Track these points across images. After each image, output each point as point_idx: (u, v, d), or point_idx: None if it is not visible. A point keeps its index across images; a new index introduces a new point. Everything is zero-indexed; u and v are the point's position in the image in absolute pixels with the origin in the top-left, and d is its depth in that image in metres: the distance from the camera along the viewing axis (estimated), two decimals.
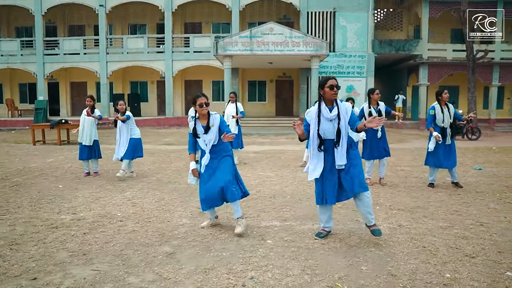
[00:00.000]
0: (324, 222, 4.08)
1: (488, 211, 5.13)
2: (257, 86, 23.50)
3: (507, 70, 21.02)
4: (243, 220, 4.11)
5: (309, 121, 3.93)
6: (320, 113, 3.81)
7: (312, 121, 3.89)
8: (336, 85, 3.77)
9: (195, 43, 20.11)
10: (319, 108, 3.82)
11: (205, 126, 4.09)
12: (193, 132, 4.14)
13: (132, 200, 5.50)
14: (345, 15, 20.50)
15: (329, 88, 3.75)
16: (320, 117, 3.81)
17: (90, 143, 7.34)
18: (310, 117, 3.91)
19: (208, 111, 4.10)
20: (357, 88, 21.28)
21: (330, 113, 3.78)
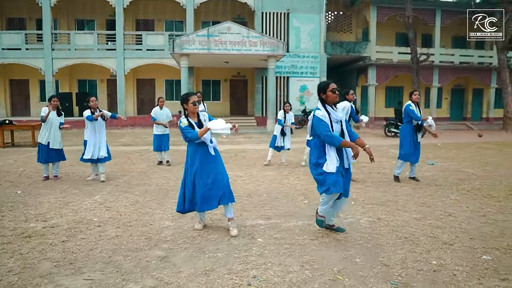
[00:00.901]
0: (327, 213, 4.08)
1: (451, 202, 5.54)
2: (212, 86, 23.30)
3: (445, 72, 22.77)
4: (234, 221, 4.14)
5: (327, 123, 3.87)
6: (330, 115, 3.88)
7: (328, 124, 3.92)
8: (338, 88, 3.91)
9: (148, 41, 19.45)
10: (327, 110, 3.88)
11: (197, 122, 4.04)
12: (190, 125, 4.00)
13: (104, 204, 5.22)
14: (299, 16, 20.99)
15: (331, 92, 3.85)
16: (331, 119, 3.87)
17: (60, 146, 6.93)
18: (326, 120, 3.87)
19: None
20: (311, 88, 21.86)
21: (339, 115, 3.93)
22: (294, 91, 21.78)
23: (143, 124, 19.01)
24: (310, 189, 6.32)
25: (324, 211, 4.06)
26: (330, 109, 3.88)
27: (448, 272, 3.22)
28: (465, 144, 14.12)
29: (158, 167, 8.56)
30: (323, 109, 3.90)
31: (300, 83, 21.77)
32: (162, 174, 7.62)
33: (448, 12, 22.69)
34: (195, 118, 4.09)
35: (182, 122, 4.08)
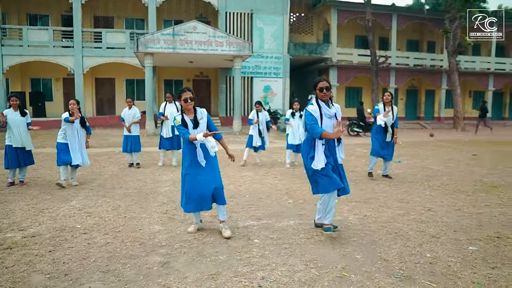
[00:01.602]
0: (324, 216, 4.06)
1: (427, 198, 5.83)
2: (174, 85, 22.82)
3: (401, 74, 23.94)
4: (226, 223, 4.10)
5: (317, 117, 3.96)
6: (321, 110, 3.94)
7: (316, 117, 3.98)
8: (326, 87, 3.92)
9: (108, 39, 18.65)
10: (319, 106, 3.95)
11: (193, 119, 3.93)
12: (183, 123, 3.92)
13: (84, 210, 4.94)
14: (262, 17, 21.12)
15: (319, 91, 3.93)
16: (322, 114, 3.94)
17: (32, 147, 6.49)
18: (315, 114, 3.94)
19: (194, 106, 3.97)
20: (274, 88, 22.08)
21: (330, 109, 3.96)
22: (258, 92, 21.88)
23: (104, 125, 18.23)
24: (292, 189, 6.37)
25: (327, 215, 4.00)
26: (323, 104, 3.95)
27: (443, 264, 3.38)
28: (422, 142, 14.91)
29: (129, 169, 8.25)
30: (315, 104, 3.99)
31: (264, 84, 21.92)
32: (136, 177, 7.35)
33: (403, 16, 23.87)
34: (191, 115, 3.99)
35: (176, 119, 3.98)
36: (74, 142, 6.44)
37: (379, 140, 7.17)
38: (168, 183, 6.74)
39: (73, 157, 6.38)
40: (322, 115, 3.94)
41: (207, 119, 4.04)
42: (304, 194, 5.98)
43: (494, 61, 26.28)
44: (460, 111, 21.48)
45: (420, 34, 26.66)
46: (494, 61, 26.28)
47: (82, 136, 6.61)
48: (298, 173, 7.89)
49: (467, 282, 3.03)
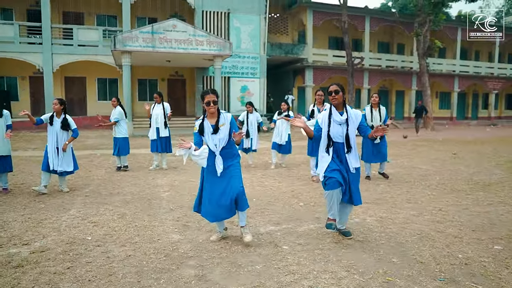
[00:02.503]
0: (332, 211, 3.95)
1: (431, 197, 5.91)
2: (148, 85, 22.16)
3: (374, 75, 24.56)
4: (247, 228, 3.89)
5: (321, 123, 3.96)
6: (331, 116, 3.87)
7: (323, 123, 3.95)
8: (335, 90, 3.86)
9: (79, 36, 17.76)
10: (330, 111, 3.90)
11: (214, 125, 3.70)
12: (199, 130, 3.70)
13: (88, 219, 4.58)
14: (239, 16, 20.92)
15: (328, 95, 3.92)
16: (331, 120, 3.88)
17: (7, 152, 5.91)
18: (322, 120, 3.96)
19: (218, 109, 3.74)
20: (251, 89, 21.96)
21: (341, 117, 3.86)
22: (235, 92, 21.68)
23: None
24: (297, 191, 6.27)
25: (331, 213, 3.96)
26: (334, 110, 3.91)
27: (478, 264, 3.39)
28: (401, 142, 15.30)
29: (118, 173, 7.83)
30: (327, 110, 3.96)
31: (241, 84, 21.75)
32: (129, 181, 6.97)
33: (375, 19, 24.50)
34: (213, 120, 3.76)
35: (195, 125, 3.78)
36: (52, 146, 5.97)
37: (369, 145, 7.08)
38: (166, 188, 6.44)
39: (51, 163, 5.93)
40: (331, 121, 3.88)
41: (230, 125, 3.76)
42: (312, 197, 5.89)
43: (459, 63, 27.55)
44: (431, 111, 22.30)
45: (391, 36, 27.48)
46: (459, 63, 27.55)
47: (63, 140, 6.03)
48: (295, 174, 7.82)
49: (510, 283, 3.04)
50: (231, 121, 3.77)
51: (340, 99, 3.88)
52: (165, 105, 8.39)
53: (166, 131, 8.25)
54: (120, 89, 20.76)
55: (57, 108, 5.94)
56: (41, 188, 6.04)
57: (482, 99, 31.49)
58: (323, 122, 3.97)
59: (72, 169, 6.11)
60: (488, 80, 28.78)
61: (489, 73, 28.85)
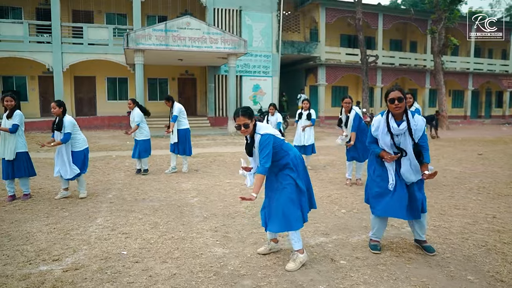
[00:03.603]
0: (377, 233, 3.71)
1: (479, 203, 5.50)
2: (158, 84, 21.84)
3: (387, 73, 24.07)
4: (300, 255, 3.31)
5: (376, 134, 3.58)
6: (389, 125, 3.47)
7: (379, 134, 3.54)
8: (398, 97, 3.36)
9: (89, 34, 17.42)
10: (387, 120, 3.47)
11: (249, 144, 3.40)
12: (246, 149, 3.40)
13: (117, 230, 4.22)
14: (251, 14, 20.52)
15: (390, 102, 3.42)
16: (391, 130, 3.45)
17: (11, 156, 5.50)
18: (375, 132, 3.57)
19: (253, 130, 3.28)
20: (263, 87, 21.56)
21: (399, 127, 3.43)
22: (247, 91, 21.29)
23: (86, 127, 17.01)
24: (333, 196, 5.87)
25: (374, 235, 3.71)
26: (391, 118, 3.44)
27: None
28: None
29: (139, 176, 7.48)
30: (384, 117, 3.50)
31: (253, 82, 21.35)
32: (152, 185, 6.62)
33: (389, 16, 24.00)
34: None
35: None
36: (56, 151, 5.66)
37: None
38: (193, 193, 6.07)
39: (55, 168, 5.61)
40: (391, 131, 3.44)
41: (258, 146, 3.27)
42: (351, 202, 5.50)
43: (473, 61, 27.00)
44: (445, 110, 21.80)
45: (403, 34, 26.98)
46: (473, 61, 27.00)
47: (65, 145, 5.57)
48: (324, 177, 7.42)
49: None
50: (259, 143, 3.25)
51: (403, 107, 3.40)
52: (174, 108, 7.82)
53: (174, 137, 7.75)
54: (131, 88, 20.46)
55: (57, 111, 5.55)
56: (63, 193, 5.71)
57: (495, 97, 30.90)
58: (377, 132, 3.54)
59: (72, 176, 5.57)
60: (502, 78, 28.19)
61: (503, 71, 28.25)
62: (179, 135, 7.79)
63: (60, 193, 5.71)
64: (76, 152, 5.66)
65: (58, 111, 5.57)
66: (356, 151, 6.62)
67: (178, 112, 7.78)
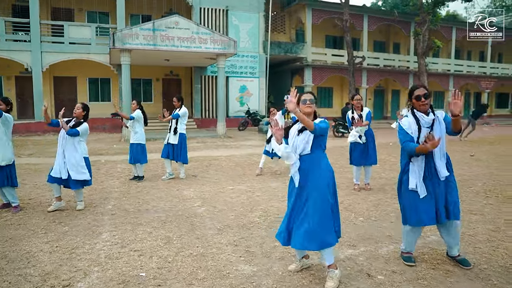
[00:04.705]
0: (410, 245, 3.54)
1: (492, 208, 5.42)
2: (142, 85, 21.25)
3: (372, 74, 24.26)
4: (336, 271, 3.08)
5: (409, 131, 3.39)
6: (419, 121, 3.35)
7: (413, 131, 3.38)
8: (424, 94, 3.33)
9: (70, 33, 16.70)
10: (416, 117, 3.37)
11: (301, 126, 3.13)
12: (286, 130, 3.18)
13: (128, 247, 3.87)
14: (238, 14, 20.23)
15: (416, 99, 3.37)
16: (420, 126, 3.35)
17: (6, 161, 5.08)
18: (409, 127, 3.40)
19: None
20: (250, 88, 21.31)
21: (427, 117, 3.33)
22: (234, 92, 21.00)
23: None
24: (347, 203, 5.66)
25: (407, 244, 3.54)
26: (419, 114, 3.35)
27: None
28: None
29: (135, 183, 7.08)
30: (411, 115, 3.41)
31: (240, 83, 21.08)
32: (152, 193, 6.25)
33: (373, 18, 24.20)
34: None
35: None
36: (57, 152, 5.26)
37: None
38: (198, 201, 5.75)
39: (57, 171, 5.15)
40: (421, 128, 3.32)
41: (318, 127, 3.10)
42: (366, 209, 5.31)
43: (454, 63, 27.60)
44: None
45: (387, 35, 27.29)
46: (454, 63, 27.60)
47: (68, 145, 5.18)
48: None
49: None
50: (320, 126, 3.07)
51: (429, 104, 3.38)
52: (181, 110, 7.48)
53: (175, 137, 7.43)
54: (114, 89, 19.81)
55: (78, 114, 5.21)
56: (57, 204, 5.28)
57: (474, 98, 31.72)
58: (411, 129, 3.38)
59: (85, 178, 5.23)
60: (481, 80, 28.96)
61: (481, 73, 29.03)
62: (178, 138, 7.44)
63: (54, 205, 5.27)
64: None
65: (80, 113, 5.26)
66: (364, 155, 6.44)
67: (183, 114, 7.45)
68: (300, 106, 3.09)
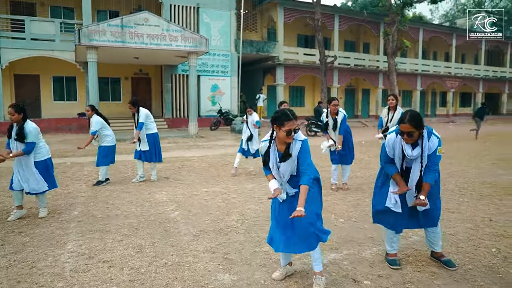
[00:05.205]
0: (392, 245, 3.47)
1: (469, 205, 5.47)
2: (110, 84, 20.48)
3: (343, 73, 24.54)
4: (322, 278, 2.96)
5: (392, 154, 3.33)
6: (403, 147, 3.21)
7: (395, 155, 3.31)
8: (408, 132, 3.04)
9: (32, 29, 15.79)
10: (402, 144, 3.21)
11: (282, 153, 2.92)
12: (264, 159, 2.94)
13: (98, 257, 3.56)
14: (209, 12, 19.87)
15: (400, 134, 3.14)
16: (404, 154, 3.22)
17: None
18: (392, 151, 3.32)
19: None
20: (222, 87, 21.01)
21: (411, 152, 3.18)
22: (206, 91, 20.63)
23: None
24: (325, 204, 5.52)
25: (390, 245, 3.47)
26: (405, 145, 3.18)
27: None
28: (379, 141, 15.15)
29: (105, 187, 6.68)
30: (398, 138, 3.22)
31: (212, 82, 20.74)
32: (122, 197, 5.90)
33: (344, 18, 24.48)
34: (283, 147, 2.93)
35: (261, 146, 3.02)
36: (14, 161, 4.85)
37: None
38: (172, 205, 5.46)
39: (14, 179, 4.79)
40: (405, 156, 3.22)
41: (298, 152, 2.90)
42: (346, 210, 5.22)
43: (421, 63, 28.42)
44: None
45: (357, 35, 27.70)
46: (421, 63, 28.42)
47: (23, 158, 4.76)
48: None
49: None
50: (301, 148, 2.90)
51: (416, 139, 3.10)
52: (140, 115, 7.03)
53: (145, 144, 7.04)
54: (80, 88, 18.98)
55: (15, 119, 4.68)
56: (18, 214, 4.86)
57: (440, 97, 32.81)
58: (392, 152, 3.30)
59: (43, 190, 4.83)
60: (446, 79, 29.98)
61: (447, 73, 30.06)
62: (148, 141, 7.08)
63: (14, 214, 4.85)
64: (37, 162, 4.85)
65: (17, 118, 4.69)
66: (342, 153, 6.37)
67: (144, 118, 7.05)
68: (280, 132, 2.82)
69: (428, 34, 28.57)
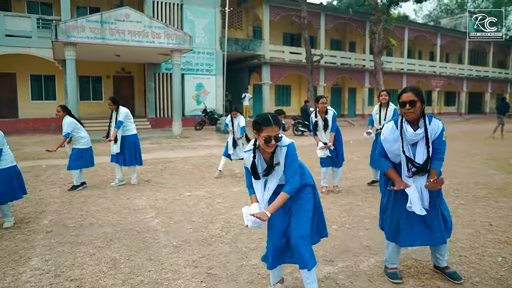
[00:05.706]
0: (393, 257, 3.17)
1: (466, 208, 5.24)
2: (91, 83, 19.82)
3: (329, 72, 24.37)
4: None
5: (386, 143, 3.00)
6: (402, 133, 2.88)
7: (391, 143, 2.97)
8: (411, 101, 2.78)
9: (7, 24, 15.05)
10: (401, 126, 2.89)
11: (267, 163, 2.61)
12: (252, 169, 2.60)
13: (64, 275, 3.15)
14: (193, 9, 19.41)
15: (400, 106, 2.86)
16: (404, 138, 2.89)
17: None
18: (387, 138, 2.98)
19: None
20: (207, 86, 20.58)
21: (416, 132, 2.85)
22: (190, 90, 20.17)
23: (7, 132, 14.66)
24: None
25: (390, 257, 3.16)
26: (406, 124, 2.86)
27: None
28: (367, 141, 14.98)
29: (80, 192, 6.23)
30: (399, 121, 2.91)
31: (196, 81, 20.29)
32: (98, 204, 5.47)
33: (330, 16, 24.31)
34: (267, 155, 2.61)
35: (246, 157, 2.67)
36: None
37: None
38: (151, 212, 5.07)
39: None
40: (403, 140, 2.89)
41: (285, 159, 2.58)
42: (338, 216, 4.91)
43: (407, 62, 28.51)
44: None
45: (343, 34, 27.60)
46: (407, 62, 28.51)
47: None
48: None
49: None
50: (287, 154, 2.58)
51: (417, 112, 2.81)
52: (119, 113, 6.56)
53: (117, 146, 6.54)
54: (59, 87, 18.28)
55: None
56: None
57: (425, 96, 33.02)
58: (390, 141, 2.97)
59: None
60: (431, 78, 30.19)
61: (432, 72, 30.26)
62: (125, 142, 6.63)
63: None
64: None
65: None
66: (333, 155, 6.07)
67: (124, 117, 6.60)
68: (259, 139, 2.51)
69: (413, 33, 28.67)
